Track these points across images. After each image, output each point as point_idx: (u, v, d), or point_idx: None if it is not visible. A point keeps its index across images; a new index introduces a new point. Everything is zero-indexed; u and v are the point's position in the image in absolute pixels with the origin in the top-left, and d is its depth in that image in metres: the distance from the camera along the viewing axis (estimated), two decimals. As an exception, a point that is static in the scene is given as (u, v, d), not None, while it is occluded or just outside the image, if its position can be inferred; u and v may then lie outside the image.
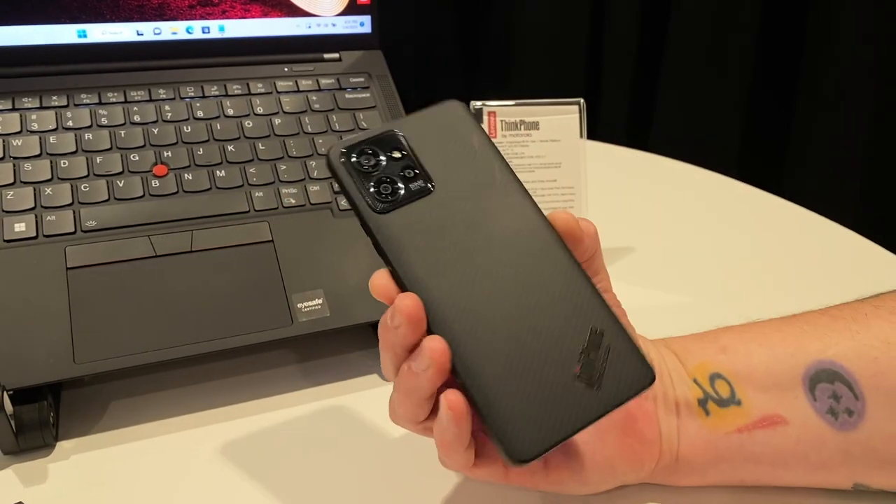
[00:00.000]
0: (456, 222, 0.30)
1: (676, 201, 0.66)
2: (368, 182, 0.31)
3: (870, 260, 0.56)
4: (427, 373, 0.28)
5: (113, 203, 0.44)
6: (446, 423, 0.28)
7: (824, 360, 0.33)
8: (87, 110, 0.48)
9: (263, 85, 0.52)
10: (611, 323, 0.29)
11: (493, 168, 0.31)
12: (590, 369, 0.29)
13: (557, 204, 0.56)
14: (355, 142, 0.31)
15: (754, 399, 0.33)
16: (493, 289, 0.29)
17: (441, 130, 0.32)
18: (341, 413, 0.42)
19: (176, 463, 0.38)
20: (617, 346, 0.29)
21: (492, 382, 0.28)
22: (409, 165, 0.31)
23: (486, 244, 0.30)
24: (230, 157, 0.48)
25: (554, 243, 0.30)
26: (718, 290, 0.53)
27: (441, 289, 0.29)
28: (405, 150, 0.31)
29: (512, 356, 0.28)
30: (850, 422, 0.32)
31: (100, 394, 0.43)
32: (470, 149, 0.32)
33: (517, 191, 0.31)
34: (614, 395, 0.29)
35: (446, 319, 0.29)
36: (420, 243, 0.30)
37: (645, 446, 0.34)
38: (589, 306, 0.29)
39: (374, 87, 0.54)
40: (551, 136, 0.55)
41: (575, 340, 0.29)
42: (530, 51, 1.20)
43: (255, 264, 0.43)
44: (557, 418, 0.28)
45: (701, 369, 0.34)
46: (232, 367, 0.45)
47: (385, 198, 0.30)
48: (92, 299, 0.40)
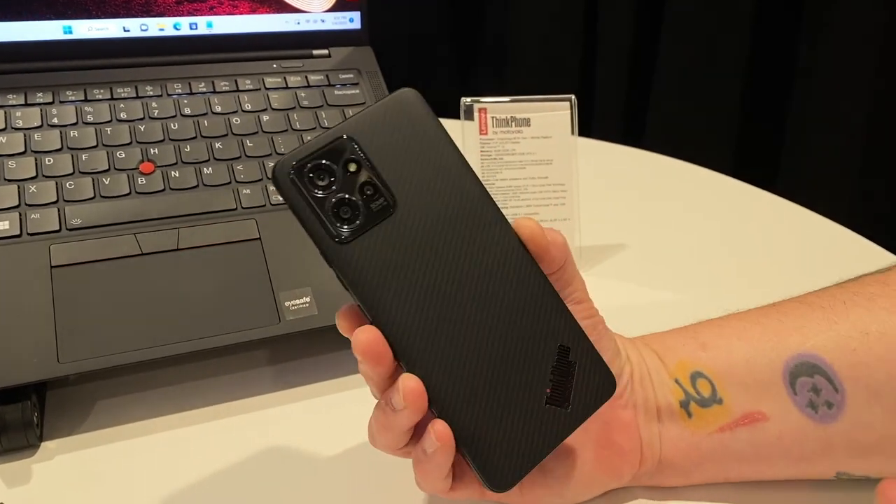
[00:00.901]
0: (420, 245, 0.28)
1: (670, 198, 0.66)
2: (325, 207, 0.27)
3: (864, 257, 0.56)
4: (404, 412, 0.28)
5: (98, 201, 0.44)
6: (432, 453, 0.28)
7: (804, 353, 0.33)
8: (72, 107, 0.47)
9: (251, 81, 0.52)
10: (575, 336, 0.29)
11: (454, 172, 0.29)
12: (560, 388, 0.29)
13: (549, 201, 0.55)
14: (305, 154, 0.28)
15: (735, 396, 0.33)
16: (463, 316, 0.28)
17: (396, 129, 0.29)
18: (329, 412, 0.41)
19: (162, 463, 0.38)
20: (582, 360, 0.29)
21: (468, 415, 0.28)
22: (368, 181, 0.28)
23: (453, 266, 0.28)
24: (217, 155, 0.47)
25: (518, 254, 0.29)
26: (714, 287, 0.53)
27: (410, 323, 0.28)
28: (361, 160, 0.28)
29: (486, 385, 0.28)
30: (829, 414, 0.32)
31: (85, 394, 0.42)
32: (429, 149, 0.29)
33: (481, 198, 0.29)
34: (583, 410, 0.29)
35: (419, 354, 0.28)
36: (385, 276, 0.28)
37: (623, 457, 0.33)
38: (556, 323, 0.29)
39: (364, 84, 0.54)
40: (543, 132, 0.55)
41: (545, 361, 0.29)
42: (524, 49, 1.20)
43: (243, 262, 0.43)
44: (533, 442, 0.28)
45: (681, 368, 0.34)
46: (219, 366, 0.44)
47: (345, 224, 0.27)
48: (76, 298, 0.40)
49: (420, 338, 0.28)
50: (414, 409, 0.28)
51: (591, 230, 0.57)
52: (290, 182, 0.27)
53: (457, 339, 0.28)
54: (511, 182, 0.55)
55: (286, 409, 0.41)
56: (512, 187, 0.55)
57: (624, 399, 0.33)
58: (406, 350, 0.28)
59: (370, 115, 0.29)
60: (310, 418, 0.41)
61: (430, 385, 0.27)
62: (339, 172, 0.28)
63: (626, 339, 0.36)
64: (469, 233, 0.29)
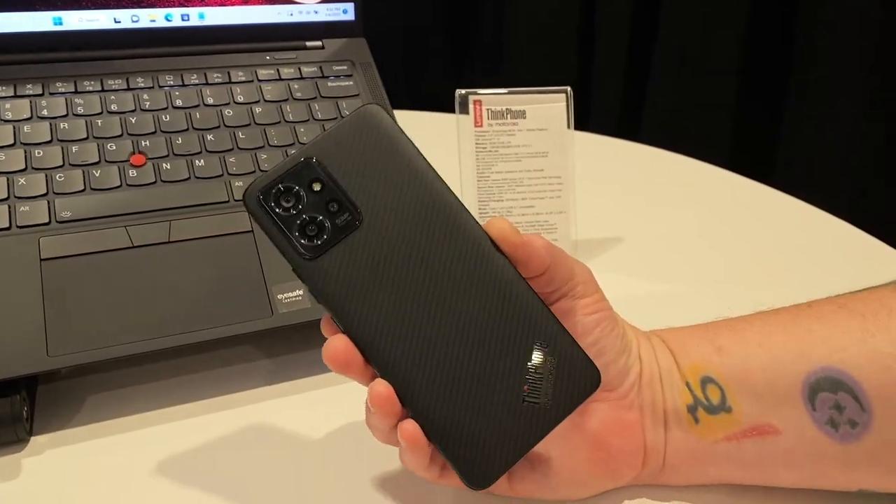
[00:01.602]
0: (388, 254, 0.29)
1: (667, 191, 0.66)
2: (293, 226, 0.29)
3: (860, 249, 0.56)
4: (376, 415, 0.29)
5: (89, 193, 0.43)
6: (404, 451, 0.29)
7: (828, 368, 0.31)
8: (62, 99, 0.47)
9: (244, 73, 0.51)
10: (553, 332, 0.29)
11: (419, 182, 0.29)
12: (537, 386, 0.29)
13: (544, 194, 0.55)
14: (270, 180, 0.29)
15: (746, 406, 0.32)
16: (434, 321, 0.29)
17: (359, 145, 0.30)
18: (322, 406, 0.41)
19: (153, 458, 0.37)
20: (562, 355, 0.29)
21: (443, 416, 0.28)
22: (332, 198, 0.29)
23: (422, 271, 0.29)
24: (209, 147, 0.47)
25: (489, 256, 0.29)
26: (709, 280, 0.53)
27: (380, 331, 0.28)
28: (324, 179, 0.29)
29: (460, 387, 0.28)
30: (852, 434, 0.30)
31: (76, 389, 0.42)
32: (393, 162, 0.30)
33: (448, 204, 0.30)
34: (564, 405, 0.29)
35: (390, 359, 0.28)
36: (354, 287, 0.29)
37: (622, 458, 0.33)
38: (531, 320, 0.29)
39: (358, 75, 0.53)
40: (538, 124, 0.55)
41: (520, 359, 0.29)
42: (521, 42, 1.20)
43: (235, 255, 0.43)
44: (511, 440, 0.28)
45: (693, 371, 0.33)
46: (210, 361, 0.44)
47: (312, 241, 0.29)
48: (66, 291, 0.39)
49: (390, 344, 0.28)
50: (382, 414, 0.28)
51: (587, 223, 0.57)
52: (258, 206, 0.29)
53: (428, 344, 0.29)
54: (507, 175, 0.55)
55: (278, 402, 0.41)
56: (507, 180, 0.55)
57: (629, 400, 0.32)
58: (376, 356, 0.29)
59: (333, 134, 0.30)
60: (302, 412, 0.40)
61: (402, 388, 0.28)
62: (303, 192, 0.29)
63: (642, 335, 0.35)
64: (438, 239, 0.29)
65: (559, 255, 0.31)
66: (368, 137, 0.30)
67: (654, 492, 0.34)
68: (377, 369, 0.29)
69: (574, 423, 0.32)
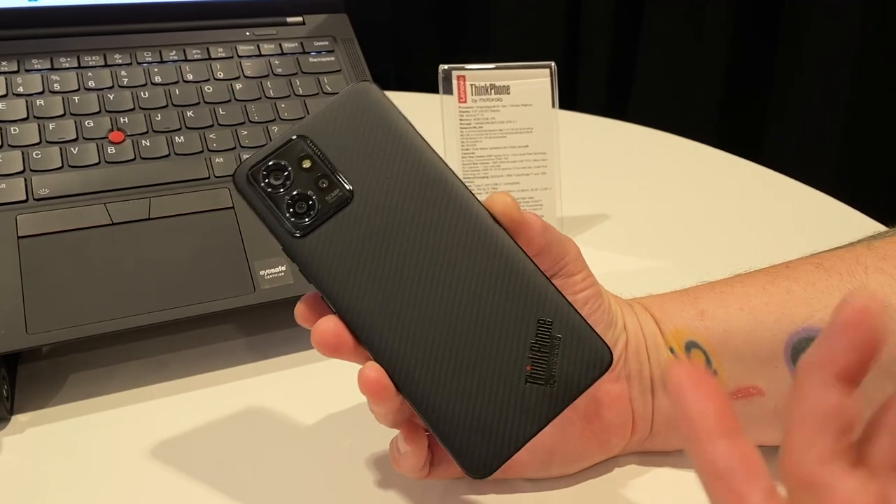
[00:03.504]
0: (382, 230, 0.28)
1: (653, 169, 0.66)
2: (282, 203, 0.28)
3: (847, 224, 0.56)
4: (369, 401, 0.27)
5: (67, 170, 0.43)
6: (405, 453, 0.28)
7: (809, 328, 0.31)
8: (38, 76, 0.46)
9: (224, 49, 0.51)
10: (559, 309, 0.28)
11: (414, 157, 0.29)
12: (542, 366, 0.27)
13: (529, 170, 0.55)
14: (259, 158, 0.28)
15: (731, 369, 0.32)
16: (432, 298, 0.27)
17: (352, 123, 0.29)
18: (305, 382, 0.41)
19: (135, 435, 0.37)
20: (569, 333, 0.28)
21: (440, 401, 0.27)
22: (322, 174, 0.28)
23: (418, 248, 0.28)
24: (189, 123, 0.46)
25: (489, 230, 0.28)
26: (694, 255, 0.53)
27: (373, 311, 0.27)
28: (314, 156, 0.28)
29: (459, 369, 0.27)
30: None
31: (58, 367, 0.42)
32: (387, 139, 0.29)
33: (444, 179, 0.28)
34: (572, 387, 0.27)
35: (383, 340, 0.27)
36: (346, 264, 0.28)
37: (612, 430, 0.33)
38: (534, 296, 0.28)
39: (340, 51, 0.53)
40: (523, 100, 0.54)
41: (523, 338, 0.27)
42: (508, 22, 1.19)
43: (216, 231, 0.42)
44: (514, 426, 0.27)
45: (677, 336, 0.33)
46: (192, 339, 0.44)
47: (302, 218, 0.28)
48: (45, 268, 0.39)
49: (384, 325, 0.27)
50: (375, 399, 0.27)
51: (572, 200, 0.57)
52: (247, 185, 0.28)
53: (424, 323, 0.27)
54: (491, 151, 0.54)
55: (261, 380, 0.41)
56: (492, 156, 0.54)
57: (616, 372, 0.32)
58: (369, 337, 0.27)
59: (324, 112, 0.29)
60: (285, 389, 0.40)
61: (397, 372, 0.27)
62: (292, 170, 0.28)
63: (625, 304, 0.35)
64: (433, 215, 0.28)
65: (554, 235, 0.30)
66: (360, 114, 0.29)
67: (643, 458, 0.35)
68: (370, 351, 0.27)
69: None
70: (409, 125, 0.29)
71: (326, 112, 0.29)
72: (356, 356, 0.28)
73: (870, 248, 0.33)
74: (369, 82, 0.30)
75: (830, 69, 0.99)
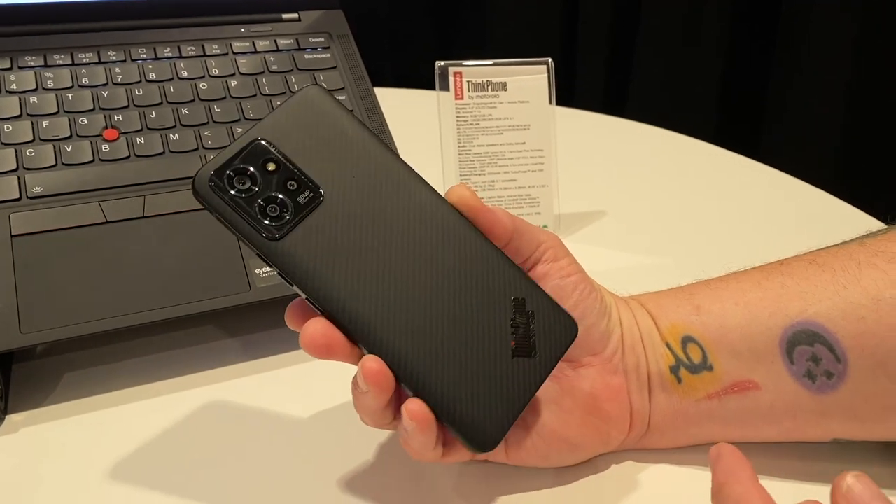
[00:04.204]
0: (355, 227, 0.28)
1: (651, 166, 0.66)
2: (251, 207, 0.28)
3: (845, 221, 0.56)
4: (369, 393, 0.28)
5: (60, 168, 0.42)
6: (412, 433, 0.28)
7: (804, 321, 0.31)
8: (31, 73, 0.46)
9: (219, 46, 0.50)
10: (527, 287, 0.30)
11: (374, 154, 0.29)
12: (524, 339, 0.29)
13: (526, 167, 0.55)
14: (221, 163, 0.28)
15: (726, 364, 0.32)
16: (411, 289, 0.28)
17: (308, 125, 0.29)
18: (300, 382, 0.40)
19: (129, 435, 0.37)
20: (539, 308, 0.30)
21: (438, 383, 0.28)
22: (289, 176, 0.28)
23: (391, 242, 0.29)
24: (184, 121, 0.46)
25: (454, 220, 0.30)
26: (692, 253, 0.52)
27: (360, 306, 0.28)
28: (278, 158, 0.28)
29: (450, 351, 0.28)
30: (828, 384, 0.31)
31: (52, 367, 0.41)
32: (344, 138, 0.29)
33: (405, 175, 0.30)
34: (551, 356, 0.29)
35: (375, 334, 0.28)
36: (325, 262, 0.28)
37: (611, 423, 0.33)
38: (505, 278, 0.29)
39: (335, 48, 0.52)
40: (520, 97, 0.54)
41: (502, 316, 0.29)
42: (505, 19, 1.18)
43: (211, 229, 0.42)
44: (509, 396, 0.28)
45: (673, 331, 0.33)
46: (187, 338, 0.43)
47: (275, 221, 0.28)
48: (39, 267, 0.39)
49: (373, 318, 0.28)
50: (377, 390, 0.27)
51: (570, 197, 0.57)
52: (212, 192, 0.28)
53: (410, 313, 0.28)
54: (488, 148, 0.54)
55: (256, 379, 0.41)
56: (489, 153, 0.54)
57: (613, 364, 0.32)
58: (362, 333, 0.28)
59: (278, 115, 0.29)
60: (281, 388, 0.40)
61: (394, 362, 0.28)
62: (258, 173, 0.28)
63: (620, 300, 0.35)
64: (400, 207, 0.29)
65: (522, 224, 0.31)
66: (314, 116, 0.29)
67: (639, 455, 0.34)
68: (364, 345, 0.28)
69: (565, 389, 0.32)
70: (362, 124, 0.30)
71: (280, 115, 0.29)
72: (348, 355, 0.28)
73: (862, 244, 0.33)
74: (318, 86, 0.30)
75: (829, 66, 0.99)
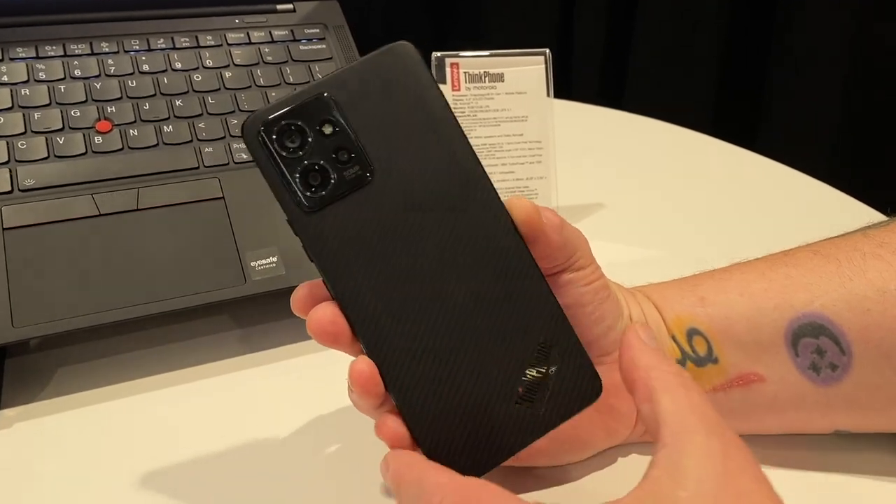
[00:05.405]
0: (397, 220, 0.26)
1: (649, 158, 0.65)
2: (293, 169, 0.25)
3: (845, 212, 0.56)
4: (355, 394, 0.27)
5: (53, 161, 0.42)
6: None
7: (809, 314, 0.31)
8: (23, 64, 0.45)
9: (213, 37, 0.50)
10: (561, 333, 0.27)
11: (446, 143, 0.26)
12: (534, 390, 0.26)
13: (524, 159, 0.54)
14: (277, 112, 0.25)
15: (732, 356, 0.32)
16: (434, 300, 0.26)
17: (384, 88, 0.26)
18: (296, 375, 0.40)
19: (124, 429, 0.37)
20: (565, 360, 0.27)
21: (426, 407, 0.26)
22: (343, 145, 0.26)
23: (431, 245, 0.26)
24: (178, 112, 0.45)
25: (508, 239, 0.26)
26: (693, 244, 0.52)
27: (373, 304, 0.26)
28: (338, 122, 0.26)
29: (451, 378, 0.26)
30: (833, 376, 0.31)
31: (46, 361, 0.41)
32: (420, 116, 0.26)
33: (473, 175, 0.26)
34: (559, 413, 0.27)
35: (378, 337, 0.26)
36: (352, 250, 0.26)
37: (619, 419, 0.32)
38: (540, 316, 0.26)
39: (331, 39, 0.52)
40: (517, 88, 0.54)
41: (520, 357, 0.26)
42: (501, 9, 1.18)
43: (206, 222, 0.41)
44: (494, 442, 0.26)
45: (679, 324, 0.33)
46: (182, 331, 0.43)
47: (313, 192, 0.25)
48: (31, 261, 0.38)
49: (382, 319, 0.26)
50: (363, 394, 0.26)
51: (568, 189, 0.56)
52: (259, 141, 0.25)
53: (424, 324, 0.26)
54: (486, 140, 0.54)
55: (252, 372, 0.40)
56: (487, 145, 0.54)
57: None
58: (365, 331, 0.26)
59: (356, 70, 0.26)
60: (277, 381, 0.40)
61: (388, 370, 0.26)
62: (312, 134, 0.26)
63: (628, 293, 0.34)
64: (453, 209, 0.26)
65: (569, 232, 0.29)
66: (395, 80, 0.26)
67: (643, 448, 0.34)
68: (363, 345, 0.26)
69: None
70: (445, 102, 0.27)
71: (357, 70, 0.26)
72: (351, 348, 0.27)
73: (866, 235, 0.33)
74: (408, 43, 0.26)
75: (827, 57, 0.98)
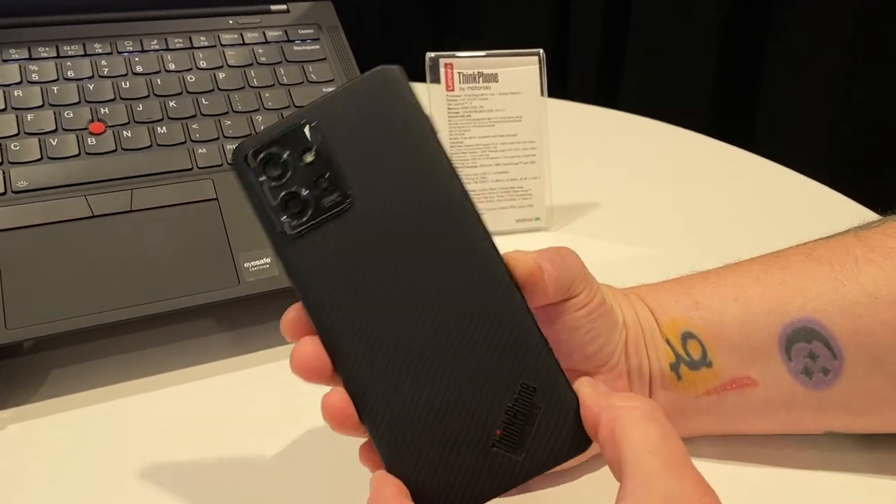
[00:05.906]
0: (377, 250, 0.25)
1: (644, 157, 0.65)
2: (275, 196, 0.26)
3: (838, 211, 0.56)
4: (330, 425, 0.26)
5: (46, 162, 0.42)
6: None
7: (803, 318, 0.31)
8: (15, 66, 0.45)
9: (206, 38, 0.50)
10: (548, 378, 0.25)
11: (431, 173, 0.26)
12: (513, 434, 0.25)
13: (518, 159, 0.54)
14: (261, 142, 0.26)
15: (726, 360, 0.32)
16: (414, 335, 0.25)
17: (369, 113, 0.26)
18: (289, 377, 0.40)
19: (118, 431, 0.37)
20: (551, 407, 0.25)
21: (400, 443, 0.25)
22: (322, 173, 0.26)
23: (412, 279, 0.25)
24: (172, 113, 0.45)
25: (497, 278, 0.26)
26: (688, 244, 0.52)
27: (350, 335, 0.25)
28: (319, 150, 0.26)
29: (428, 417, 0.25)
30: (824, 380, 0.31)
31: (40, 363, 0.41)
32: (405, 143, 0.26)
33: (459, 207, 0.26)
34: (538, 462, 0.25)
35: (354, 371, 0.25)
36: (331, 279, 0.25)
37: None
38: (525, 358, 0.25)
39: (325, 39, 0.52)
40: (511, 88, 0.54)
41: (500, 397, 0.25)
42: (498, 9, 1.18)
43: (200, 223, 0.41)
44: (467, 487, 0.25)
45: (673, 327, 0.33)
46: (175, 333, 0.43)
47: (294, 218, 0.26)
48: (24, 263, 0.38)
49: (359, 352, 0.25)
50: (335, 426, 0.26)
51: (562, 189, 0.56)
52: (244, 170, 0.26)
53: (401, 360, 0.25)
54: (480, 140, 0.54)
55: (245, 374, 0.40)
56: (481, 146, 0.54)
57: (618, 370, 0.32)
58: (341, 363, 0.25)
59: (341, 96, 0.26)
60: (269, 383, 0.40)
61: (363, 403, 0.25)
62: (292, 162, 0.26)
63: (621, 295, 0.34)
64: (438, 240, 0.25)
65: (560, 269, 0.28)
66: (380, 105, 0.26)
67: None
68: (341, 376, 0.26)
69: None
70: (432, 130, 0.26)
71: (343, 96, 0.26)
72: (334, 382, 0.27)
73: (858, 237, 0.33)
74: (398, 68, 0.26)
75: (823, 56, 0.99)
